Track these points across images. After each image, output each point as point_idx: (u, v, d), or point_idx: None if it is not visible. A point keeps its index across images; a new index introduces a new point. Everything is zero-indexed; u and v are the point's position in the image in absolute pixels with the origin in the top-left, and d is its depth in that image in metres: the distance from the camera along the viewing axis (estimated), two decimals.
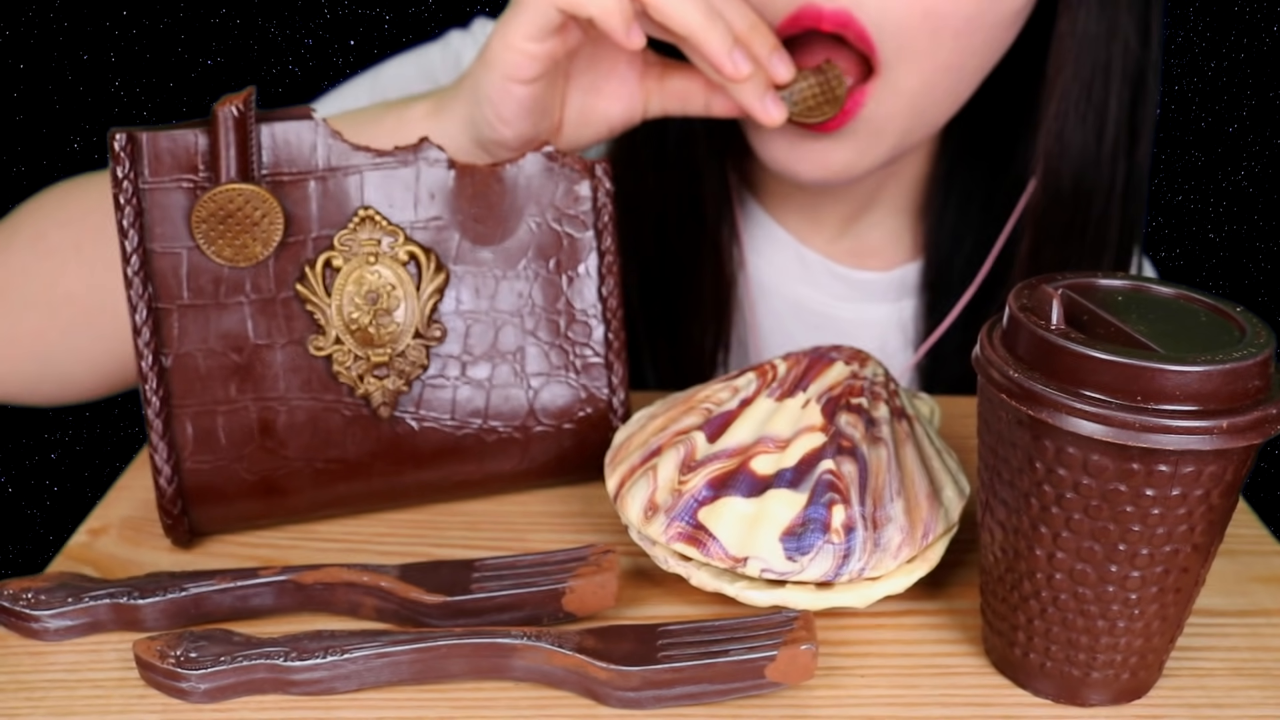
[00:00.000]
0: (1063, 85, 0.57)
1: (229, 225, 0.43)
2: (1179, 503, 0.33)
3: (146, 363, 0.43)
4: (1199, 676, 0.38)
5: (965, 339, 0.66)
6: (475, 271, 0.46)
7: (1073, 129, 0.58)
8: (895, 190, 0.67)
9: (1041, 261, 0.60)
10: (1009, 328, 0.35)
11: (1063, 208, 0.59)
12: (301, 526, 0.46)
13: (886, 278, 0.68)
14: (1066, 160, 0.58)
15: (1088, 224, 0.60)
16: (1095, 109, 0.57)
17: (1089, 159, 0.58)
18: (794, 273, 0.68)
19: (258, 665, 0.36)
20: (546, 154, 0.47)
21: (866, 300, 0.68)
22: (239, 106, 0.42)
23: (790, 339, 0.68)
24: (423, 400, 0.46)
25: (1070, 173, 0.58)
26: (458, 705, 0.36)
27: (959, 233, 0.66)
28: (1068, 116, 0.57)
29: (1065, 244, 0.60)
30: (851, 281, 0.68)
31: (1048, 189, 0.59)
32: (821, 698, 0.37)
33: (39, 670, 0.38)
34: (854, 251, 0.68)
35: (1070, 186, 0.59)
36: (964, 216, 0.66)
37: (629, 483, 0.42)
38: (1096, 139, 0.58)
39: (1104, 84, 0.57)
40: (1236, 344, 0.33)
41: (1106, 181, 0.59)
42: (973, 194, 0.66)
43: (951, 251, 0.67)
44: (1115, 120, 0.58)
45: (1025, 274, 0.60)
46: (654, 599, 0.42)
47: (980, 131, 0.64)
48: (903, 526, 0.39)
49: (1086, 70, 0.57)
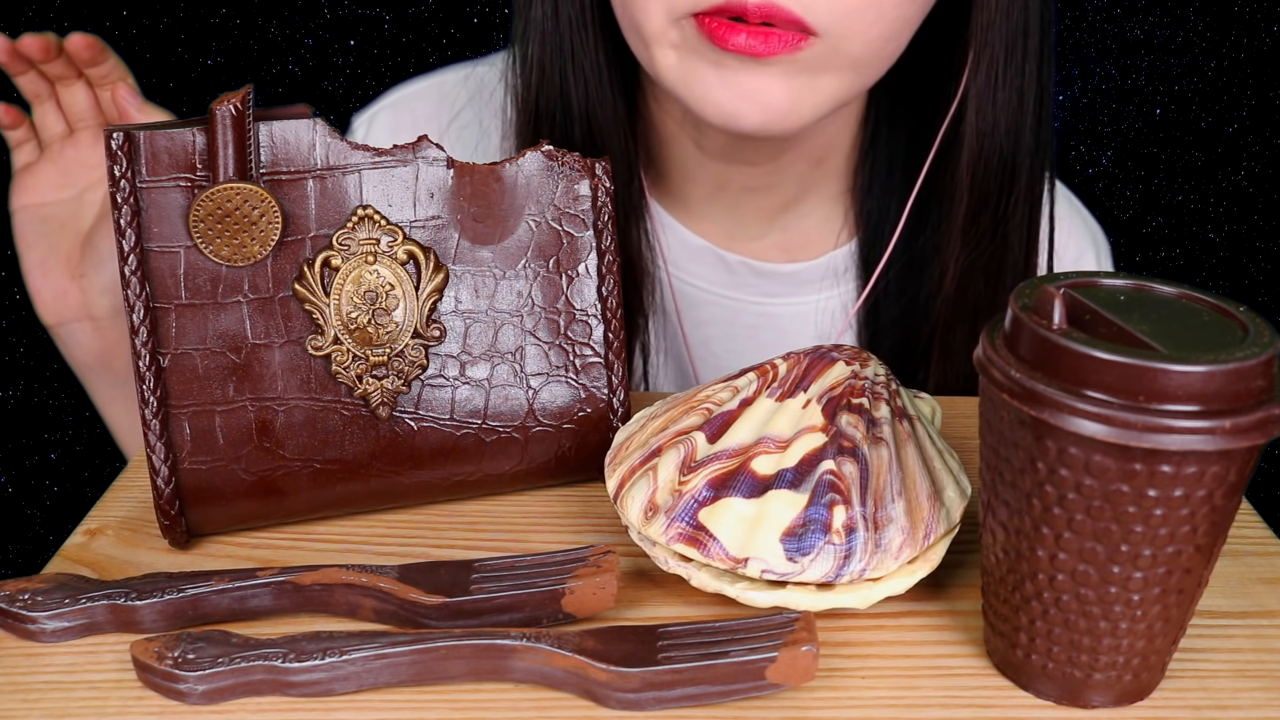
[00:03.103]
0: (990, 53, 0.58)
1: (227, 224, 0.42)
2: (1182, 503, 0.33)
3: (144, 363, 0.42)
4: (1202, 678, 0.38)
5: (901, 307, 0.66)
6: (474, 271, 0.46)
7: (1001, 95, 0.59)
8: (825, 176, 0.67)
9: (980, 225, 0.61)
10: (1011, 328, 0.35)
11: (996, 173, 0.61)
12: (300, 527, 0.46)
13: (816, 265, 0.68)
14: (997, 126, 0.59)
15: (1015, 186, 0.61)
16: (1016, 73, 0.59)
17: (1015, 123, 0.60)
18: (718, 279, 0.68)
19: (256, 667, 0.36)
20: (546, 153, 0.47)
21: (802, 292, 0.68)
22: (236, 105, 0.41)
23: (726, 347, 0.68)
24: (422, 400, 0.46)
25: (1000, 138, 0.60)
26: (457, 707, 0.36)
27: (884, 204, 0.67)
28: (997, 82, 0.59)
29: (999, 205, 0.61)
30: (779, 277, 0.68)
31: (984, 155, 0.60)
32: (822, 699, 0.37)
33: (35, 672, 0.38)
34: (784, 245, 0.68)
35: (1002, 151, 0.60)
36: (888, 188, 0.67)
37: (629, 483, 0.41)
38: (1019, 103, 0.60)
39: (1022, 48, 0.58)
40: (1240, 344, 0.33)
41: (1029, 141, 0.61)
42: (895, 165, 0.66)
43: (881, 226, 0.67)
44: (1033, 82, 0.60)
45: (965, 237, 0.62)
46: (654, 600, 0.42)
47: (901, 99, 0.65)
48: (904, 527, 0.39)
49: (1009, 35, 0.58)
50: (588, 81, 0.60)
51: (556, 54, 0.60)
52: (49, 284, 0.62)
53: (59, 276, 0.62)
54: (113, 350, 0.64)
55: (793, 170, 0.65)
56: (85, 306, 0.62)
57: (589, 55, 0.60)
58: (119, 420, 0.68)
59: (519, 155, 0.46)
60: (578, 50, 0.60)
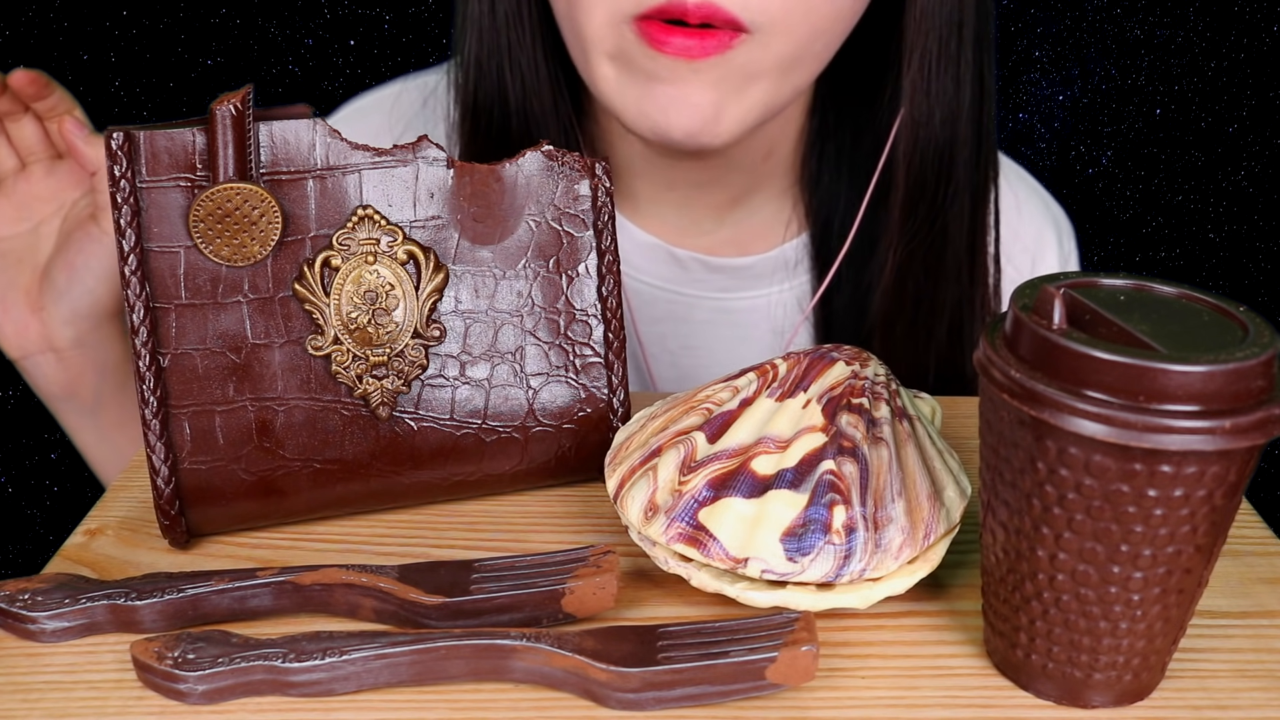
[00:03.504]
0: (924, 43, 0.58)
1: (227, 224, 0.42)
2: (1182, 503, 0.33)
3: (144, 363, 0.42)
4: (1202, 678, 0.38)
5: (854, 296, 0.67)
6: (474, 271, 0.46)
7: (936, 85, 0.59)
8: (774, 169, 0.67)
9: (918, 217, 0.62)
10: (1011, 328, 0.35)
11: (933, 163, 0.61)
12: (300, 527, 0.46)
13: (767, 259, 0.68)
14: (933, 116, 0.60)
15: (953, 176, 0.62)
16: (952, 63, 0.59)
17: (951, 113, 0.60)
18: (670, 276, 0.68)
19: (256, 667, 0.36)
20: (546, 153, 0.47)
21: (754, 286, 0.68)
22: (236, 105, 0.41)
23: (683, 344, 0.68)
24: (421, 400, 0.46)
25: (936, 128, 0.60)
26: (457, 707, 0.36)
27: (833, 197, 0.67)
28: (931, 72, 0.59)
29: (936, 197, 0.61)
30: (731, 271, 0.68)
31: (919, 145, 0.60)
32: (822, 699, 0.37)
33: (35, 672, 0.38)
34: (735, 240, 0.68)
35: (938, 141, 0.60)
36: (838, 180, 0.67)
37: (629, 483, 0.41)
38: (954, 93, 0.60)
39: (957, 38, 0.59)
40: (1240, 344, 0.33)
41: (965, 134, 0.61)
42: (842, 156, 0.66)
43: (830, 217, 0.67)
44: (970, 73, 0.60)
45: (902, 228, 0.62)
46: (654, 600, 0.42)
47: (845, 91, 0.65)
48: (904, 527, 0.39)
49: (943, 26, 0.58)
50: (524, 78, 0.61)
51: (493, 50, 0.60)
52: (10, 318, 0.62)
53: (19, 310, 0.62)
54: (78, 380, 0.64)
55: (741, 165, 0.65)
56: (47, 339, 0.62)
57: (526, 51, 0.60)
58: (90, 447, 0.68)
59: (519, 155, 0.46)
60: (514, 46, 0.60)
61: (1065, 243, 0.74)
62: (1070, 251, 0.75)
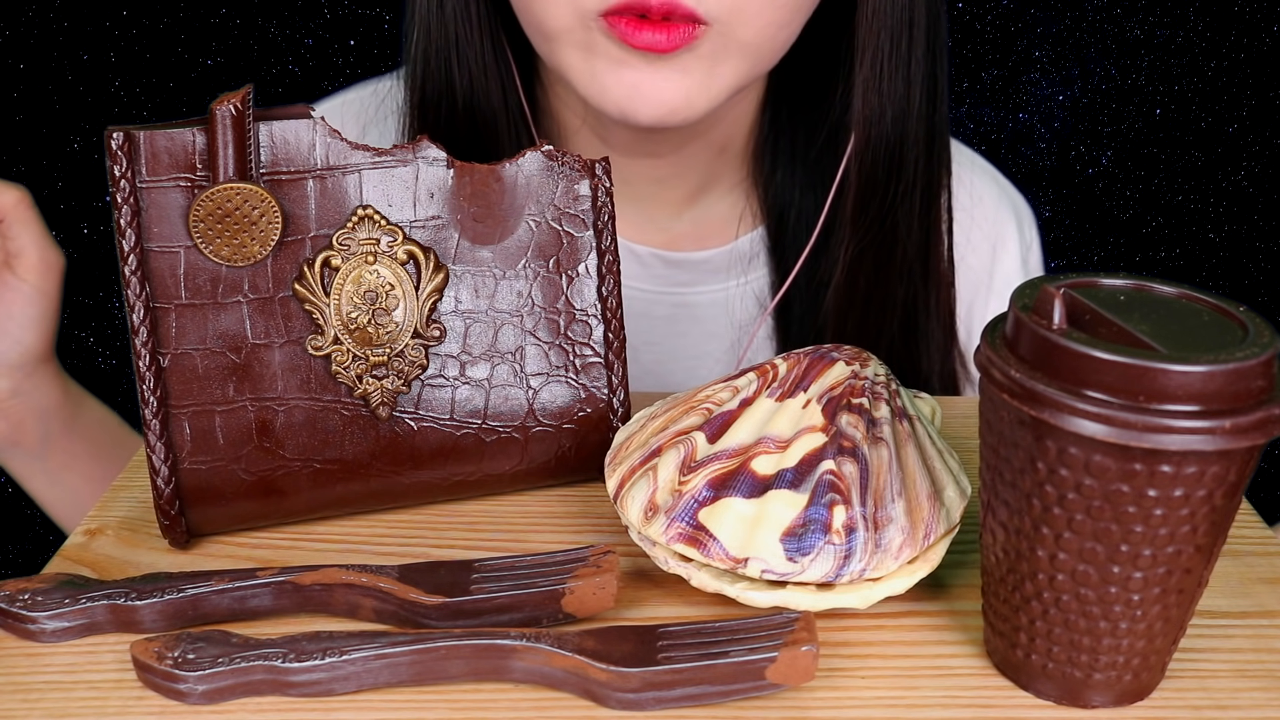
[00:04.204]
0: (875, 41, 0.58)
1: (227, 224, 0.42)
2: (1182, 503, 0.33)
3: (144, 363, 0.42)
4: (1202, 678, 0.38)
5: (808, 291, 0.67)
6: (474, 271, 0.46)
7: (887, 84, 0.59)
8: (728, 163, 0.67)
9: (869, 214, 0.61)
10: (1011, 328, 0.35)
11: (883, 161, 0.61)
12: (300, 527, 0.46)
13: (724, 252, 0.68)
14: (884, 114, 0.60)
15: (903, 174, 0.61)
16: (903, 62, 0.59)
17: (902, 112, 0.60)
18: (629, 271, 0.68)
19: (256, 667, 0.36)
20: (546, 153, 0.47)
21: (714, 280, 0.68)
22: (236, 105, 0.41)
23: (644, 339, 0.68)
24: (421, 400, 0.46)
25: (888, 126, 0.60)
26: (457, 707, 0.36)
27: (790, 191, 0.67)
28: (883, 71, 0.59)
29: (886, 194, 0.61)
30: (689, 265, 0.68)
31: (871, 143, 0.60)
32: (822, 699, 0.37)
33: (35, 672, 0.38)
34: (693, 235, 0.68)
35: (889, 139, 0.60)
36: (792, 175, 0.67)
37: (629, 483, 0.41)
38: (905, 92, 0.60)
39: (908, 38, 0.59)
40: (1240, 344, 0.33)
41: (916, 132, 0.61)
42: (796, 152, 0.67)
43: (785, 211, 0.67)
44: (921, 73, 0.60)
45: (854, 227, 0.62)
46: (654, 600, 0.42)
47: (797, 87, 0.65)
48: (904, 527, 0.39)
49: (895, 25, 0.58)
50: (473, 75, 0.60)
51: (441, 46, 0.60)
52: None
53: None
54: (19, 429, 0.64)
55: (696, 160, 0.65)
56: None
57: (474, 48, 0.60)
58: (42, 491, 0.68)
59: (519, 155, 0.46)
60: (463, 42, 0.60)
61: (1026, 230, 0.74)
62: (1032, 239, 0.74)
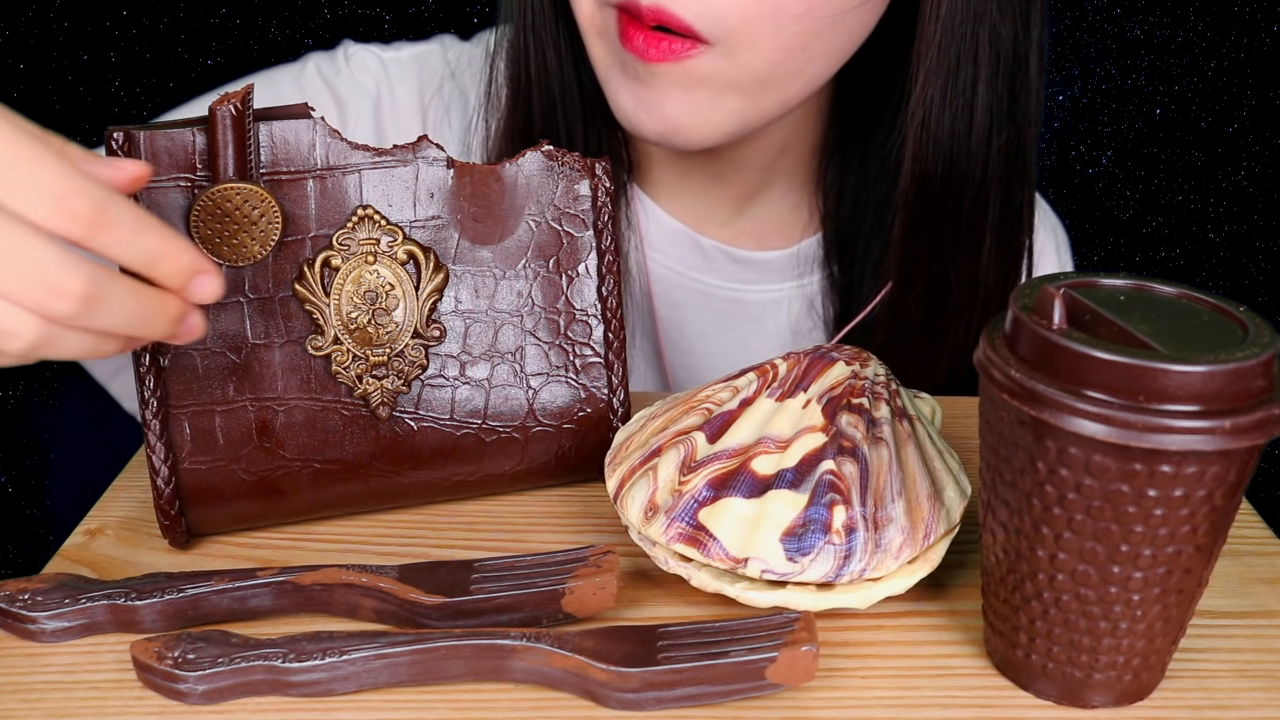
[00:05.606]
0: (926, 72, 0.56)
1: (227, 224, 0.42)
2: (1182, 503, 0.32)
3: (144, 363, 0.42)
4: (1202, 678, 0.38)
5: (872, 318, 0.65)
6: (474, 271, 0.46)
7: (938, 117, 0.57)
8: (788, 166, 0.67)
9: (916, 247, 0.60)
10: (1011, 328, 0.35)
11: (931, 195, 0.59)
12: (300, 527, 0.46)
13: (787, 255, 0.68)
14: (934, 148, 0.58)
15: (960, 212, 0.59)
16: (963, 96, 0.57)
17: (958, 148, 0.58)
18: (693, 263, 0.68)
19: (256, 667, 0.36)
20: (546, 153, 0.47)
21: (772, 281, 0.68)
22: (236, 105, 0.41)
23: (700, 330, 0.68)
24: (421, 400, 0.46)
25: (938, 161, 0.58)
26: (457, 707, 0.36)
27: (860, 202, 0.66)
28: (933, 104, 0.57)
29: (936, 231, 0.60)
30: (753, 264, 0.68)
31: (916, 176, 0.58)
32: (822, 699, 0.37)
33: (35, 672, 0.38)
34: (754, 233, 0.68)
35: (939, 174, 0.58)
36: (863, 185, 0.66)
37: (629, 483, 0.41)
38: (966, 127, 0.58)
39: (971, 71, 0.56)
40: (1240, 344, 0.33)
41: (979, 170, 0.59)
42: (869, 163, 0.65)
43: (855, 222, 0.66)
44: (987, 108, 0.57)
45: (900, 258, 0.60)
46: (654, 600, 0.42)
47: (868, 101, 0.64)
48: (904, 527, 0.39)
49: (952, 57, 0.56)
50: (548, 63, 0.61)
51: (526, 34, 0.61)
52: None
53: None
54: None
55: (754, 160, 0.65)
56: None
57: (550, 39, 0.61)
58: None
59: (519, 155, 0.46)
60: (540, 32, 0.61)
61: (1064, 254, 0.74)
62: (1067, 263, 0.74)
